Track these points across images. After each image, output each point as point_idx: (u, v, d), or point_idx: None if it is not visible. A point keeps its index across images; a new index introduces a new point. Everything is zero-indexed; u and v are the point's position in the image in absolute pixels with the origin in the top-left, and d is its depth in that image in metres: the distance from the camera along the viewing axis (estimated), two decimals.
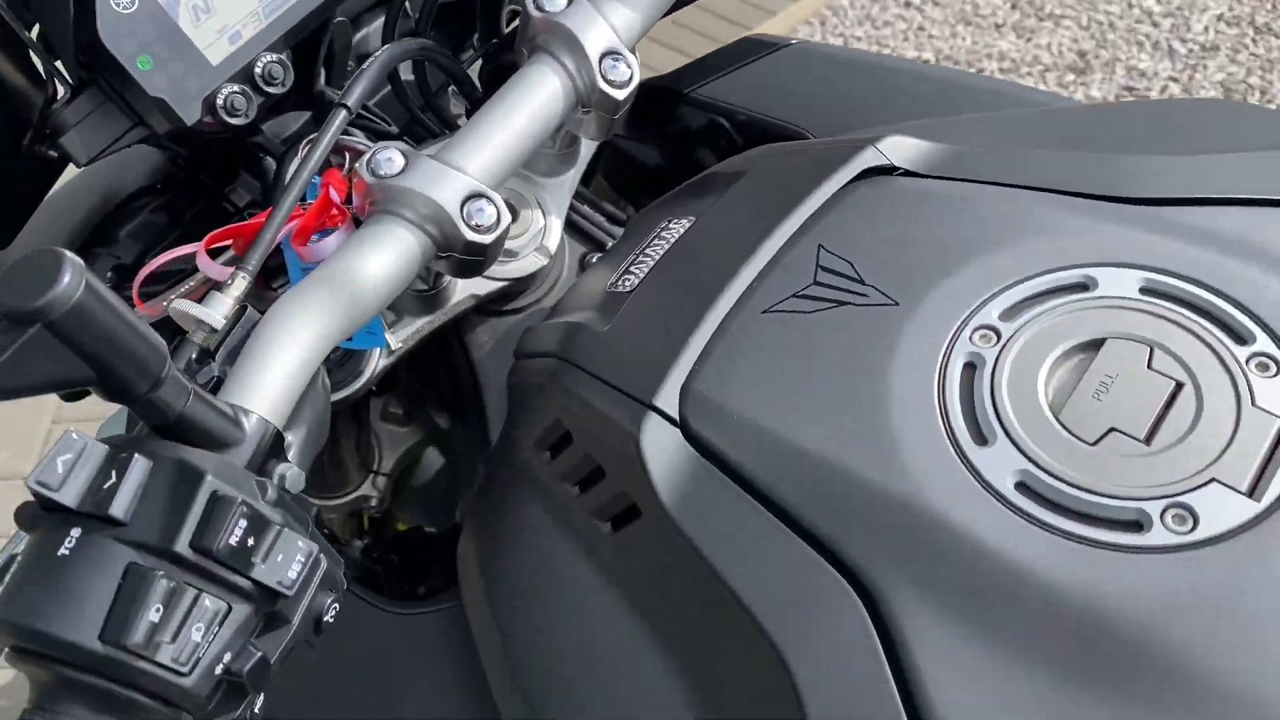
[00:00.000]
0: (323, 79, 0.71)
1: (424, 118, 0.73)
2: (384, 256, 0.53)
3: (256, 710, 0.42)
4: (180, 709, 0.38)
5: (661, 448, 0.49)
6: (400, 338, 0.65)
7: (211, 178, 0.77)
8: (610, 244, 0.73)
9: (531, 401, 0.58)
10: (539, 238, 0.69)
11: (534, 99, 0.58)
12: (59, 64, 0.63)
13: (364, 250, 0.53)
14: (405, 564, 0.83)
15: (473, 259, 0.56)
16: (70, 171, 0.71)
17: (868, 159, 0.55)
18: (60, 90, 0.65)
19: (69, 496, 0.37)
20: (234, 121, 0.62)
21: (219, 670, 0.38)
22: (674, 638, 0.47)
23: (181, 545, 0.37)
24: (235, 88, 0.62)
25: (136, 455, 0.38)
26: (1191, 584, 0.39)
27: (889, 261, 0.50)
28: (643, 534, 0.49)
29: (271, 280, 0.63)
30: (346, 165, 0.64)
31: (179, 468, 0.38)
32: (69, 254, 0.35)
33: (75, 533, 0.37)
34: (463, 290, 0.67)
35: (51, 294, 0.34)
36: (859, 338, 0.48)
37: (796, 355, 0.49)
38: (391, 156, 0.55)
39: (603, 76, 0.58)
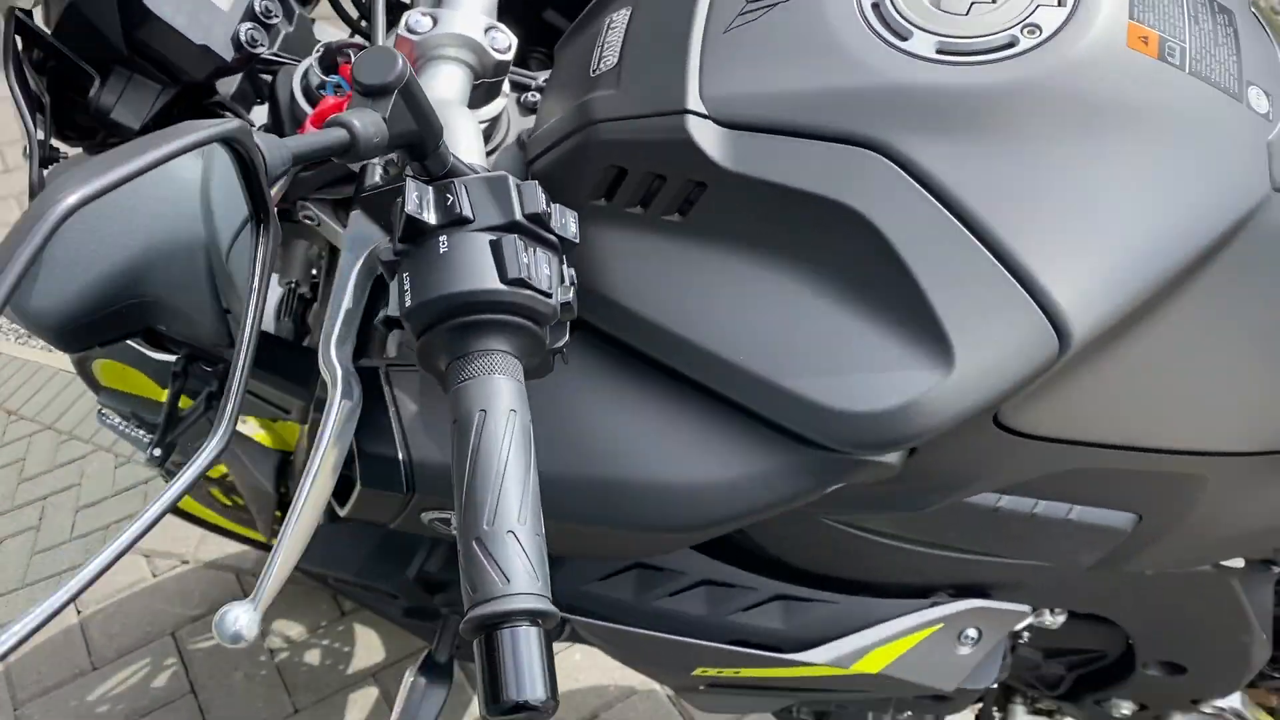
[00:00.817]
0: None
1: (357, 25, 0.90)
2: (450, 86, 0.71)
3: (565, 353, 0.61)
4: (544, 329, 0.57)
5: (705, 134, 0.70)
6: None
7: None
8: (534, 83, 0.93)
9: (573, 170, 0.78)
10: None
11: None
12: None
13: (435, 85, 0.71)
14: None
15: (496, 80, 0.75)
16: None
17: None
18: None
19: (431, 218, 0.55)
20: (257, 51, 0.77)
21: (558, 300, 0.57)
22: (780, 250, 0.69)
23: (518, 215, 0.56)
24: (249, 25, 0.77)
25: (453, 181, 0.56)
26: (1055, 58, 0.67)
27: None
28: (714, 199, 0.71)
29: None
30: (353, 60, 0.80)
31: (486, 179, 0.57)
32: (393, 49, 0.52)
33: (443, 237, 0.55)
34: None
35: (398, 70, 0.52)
36: (798, 18, 0.72)
37: (762, 44, 0.72)
38: (419, 19, 0.73)
39: None
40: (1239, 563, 0.98)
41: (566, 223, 0.59)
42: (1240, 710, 1.24)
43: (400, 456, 0.77)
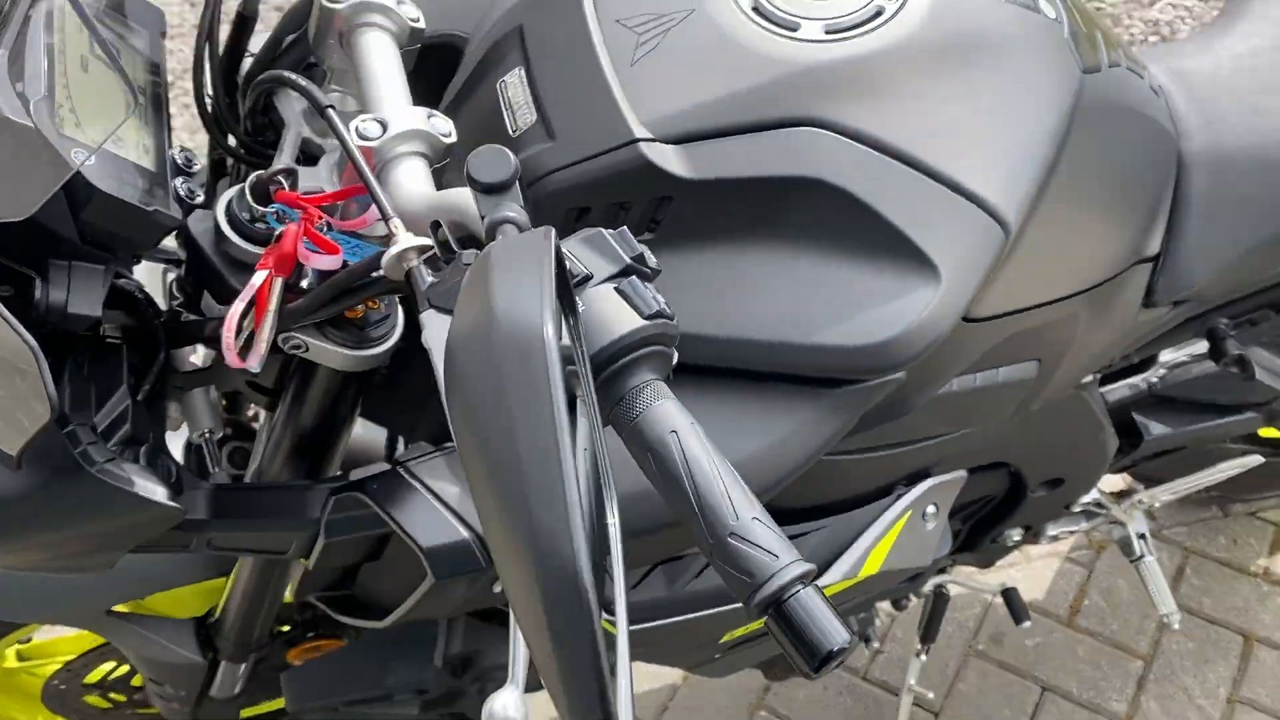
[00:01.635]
0: None
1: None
2: (422, 178, 0.74)
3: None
4: (671, 347, 0.63)
5: (660, 154, 0.78)
6: None
7: (86, 329, 0.85)
8: None
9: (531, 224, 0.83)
10: None
11: (385, 49, 0.80)
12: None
13: (408, 181, 0.74)
14: None
15: (444, 163, 0.79)
16: None
17: None
18: None
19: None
20: (196, 204, 0.76)
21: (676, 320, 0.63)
22: (756, 232, 0.78)
23: (624, 259, 0.61)
24: (180, 180, 0.75)
25: (556, 246, 0.61)
26: (916, 15, 0.81)
27: None
28: (681, 209, 0.79)
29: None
30: (288, 184, 0.80)
31: (583, 238, 0.62)
32: (502, 147, 0.57)
33: (576, 299, 0.60)
34: None
35: (513, 164, 0.57)
36: (695, 35, 0.81)
37: (674, 65, 0.81)
38: (369, 126, 0.75)
39: (399, 14, 0.82)
40: (1088, 379, 1.20)
41: (648, 256, 0.65)
42: (1098, 499, 1.49)
43: (466, 535, 0.80)
